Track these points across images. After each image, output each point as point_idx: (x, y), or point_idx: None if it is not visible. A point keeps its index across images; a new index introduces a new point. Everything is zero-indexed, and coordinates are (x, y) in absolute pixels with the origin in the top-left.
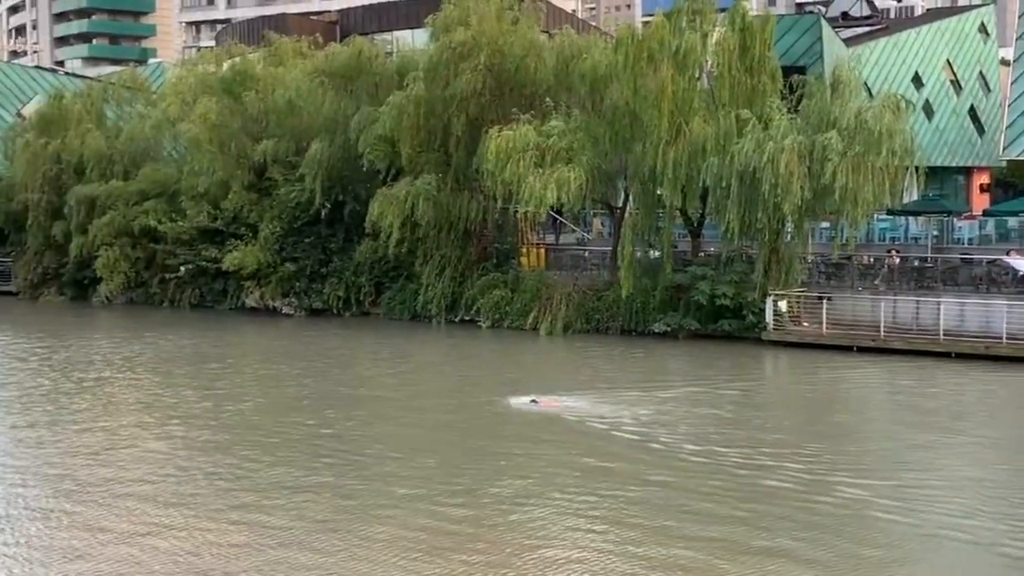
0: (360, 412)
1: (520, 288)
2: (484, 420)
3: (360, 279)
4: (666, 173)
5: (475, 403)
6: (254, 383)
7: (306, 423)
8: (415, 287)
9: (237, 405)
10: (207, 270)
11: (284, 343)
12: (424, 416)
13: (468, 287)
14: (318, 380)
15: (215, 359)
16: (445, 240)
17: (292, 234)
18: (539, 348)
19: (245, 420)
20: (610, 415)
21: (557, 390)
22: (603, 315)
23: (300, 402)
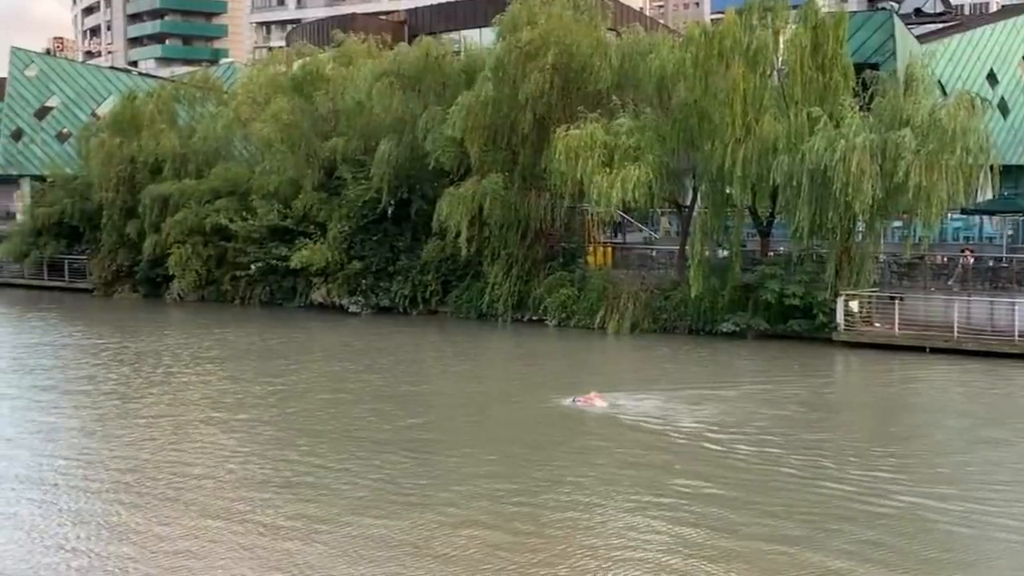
0: (421, 409)
1: (587, 287)
2: (544, 419)
3: (427, 277)
4: (735, 171)
5: (537, 402)
6: (319, 380)
7: (367, 419)
8: (482, 286)
9: (301, 402)
10: (276, 268)
11: (350, 340)
12: (485, 415)
13: (535, 286)
14: (382, 377)
15: (281, 355)
16: (512, 239)
17: (360, 232)
18: (606, 347)
19: (309, 416)
20: (673, 415)
21: (621, 389)
22: (670, 314)
23: (363, 399)
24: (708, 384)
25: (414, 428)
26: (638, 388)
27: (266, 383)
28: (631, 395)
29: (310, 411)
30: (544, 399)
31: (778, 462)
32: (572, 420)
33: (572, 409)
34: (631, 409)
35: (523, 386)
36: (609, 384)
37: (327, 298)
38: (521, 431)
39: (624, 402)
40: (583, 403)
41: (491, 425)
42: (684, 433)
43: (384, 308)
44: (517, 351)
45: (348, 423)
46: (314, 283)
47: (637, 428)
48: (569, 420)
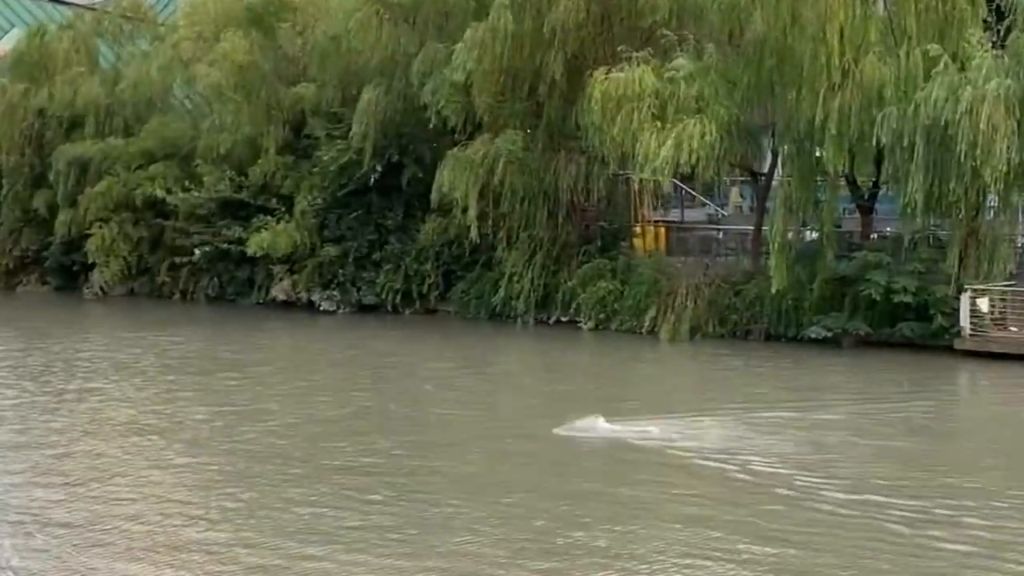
0: (414, 438)
1: (633, 279)
2: (572, 456)
3: (424, 267)
4: (828, 128)
5: (568, 427)
6: (281, 398)
7: (344, 451)
8: (495, 277)
9: (258, 426)
10: (229, 254)
11: (322, 347)
12: (496, 445)
13: (565, 277)
14: (363, 396)
15: (232, 367)
16: (535, 216)
17: (336, 208)
18: (656, 357)
19: (267, 446)
20: (743, 449)
21: (676, 413)
22: (742, 315)
23: (338, 424)
24: (790, 406)
25: (403, 461)
26: (698, 411)
27: (212, 403)
28: (688, 422)
29: (269, 440)
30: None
31: (886, 516)
32: (607, 458)
33: (613, 442)
34: (688, 441)
35: (546, 410)
36: (660, 406)
37: (293, 293)
38: (538, 466)
39: (679, 432)
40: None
41: (501, 458)
42: (757, 475)
43: (367, 306)
44: (540, 363)
45: (318, 456)
46: (276, 273)
47: (694, 468)
48: (603, 458)
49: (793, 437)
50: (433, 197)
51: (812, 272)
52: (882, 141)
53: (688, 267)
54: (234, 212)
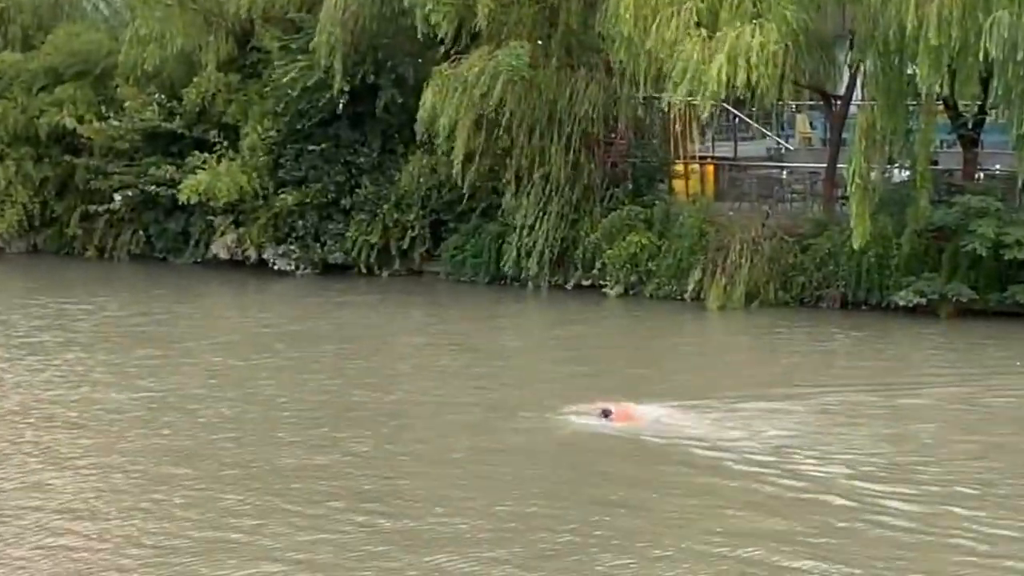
0: (384, 432)
1: (673, 232)
2: (590, 455)
3: (406, 217)
4: (923, 38)
5: (584, 426)
6: (216, 382)
7: (294, 449)
8: (498, 230)
9: (185, 417)
10: (157, 200)
11: (274, 317)
12: (487, 441)
13: (586, 229)
14: (322, 379)
15: (156, 341)
16: (549, 152)
17: (294, 142)
18: (701, 330)
19: (195, 441)
20: (809, 446)
21: (724, 399)
22: (811, 277)
23: (288, 415)
24: (873, 389)
25: (371, 459)
26: (749, 397)
27: (128, 387)
28: (732, 413)
29: (199, 435)
30: (584, 414)
31: (976, 535)
32: (630, 457)
33: (628, 439)
34: (739, 435)
35: (560, 397)
36: (701, 390)
37: (239, 249)
38: (542, 476)
39: (718, 424)
40: (618, 418)
41: (495, 464)
42: (812, 481)
43: (334, 266)
44: (550, 338)
45: (260, 455)
46: (218, 225)
47: (731, 472)
48: (625, 457)
49: (870, 431)
50: (417, 128)
51: (901, 222)
52: (990, 54)
53: (743, 216)
54: (164, 147)
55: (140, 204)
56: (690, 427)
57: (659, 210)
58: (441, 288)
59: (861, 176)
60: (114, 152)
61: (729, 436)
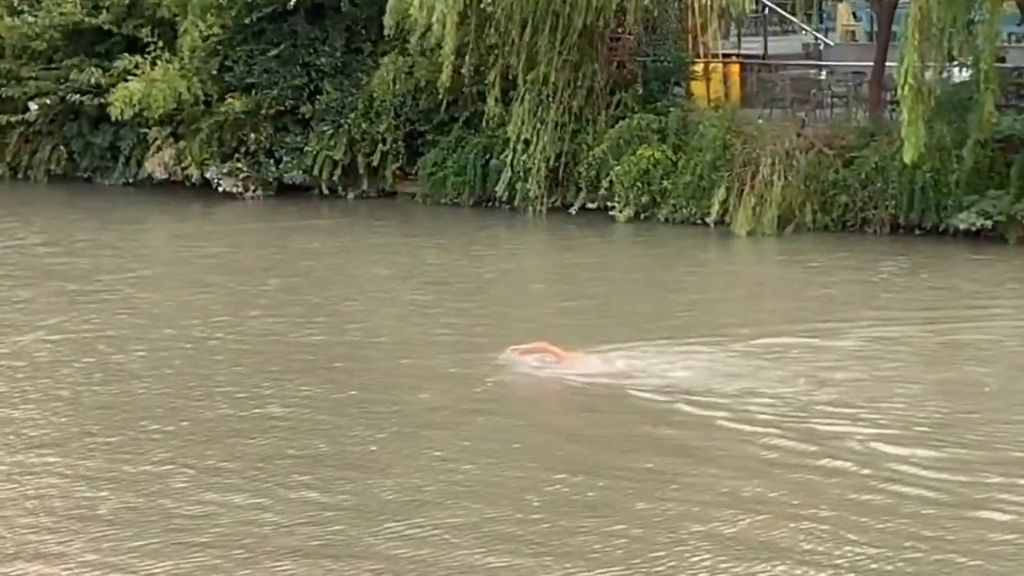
0: (333, 378)
1: (692, 144)
2: (574, 398)
3: (376, 127)
4: None
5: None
6: (140, 320)
7: (226, 398)
8: (485, 142)
9: (98, 360)
10: (81, 110)
11: (213, 246)
12: (451, 387)
13: (589, 142)
14: (264, 317)
15: (72, 275)
16: (543, 50)
17: (243, 41)
18: (724, 259)
19: (108, 390)
20: (820, 395)
21: (732, 334)
22: (856, 196)
23: (220, 357)
24: (924, 323)
25: (311, 424)
26: (773, 332)
27: (36, 326)
28: (751, 352)
29: (118, 382)
30: None
31: None
32: (620, 411)
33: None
34: (743, 384)
35: (542, 338)
36: (718, 327)
37: (179, 168)
38: (518, 431)
39: (722, 368)
40: (526, 356)
41: (467, 423)
42: (835, 447)
43: (291, 187)
44: (545, 267)
45: (189, 406)
46: (153, 139)
47: (722, 429)
48: (612, 411)
49: (913, 377)
50: (387, 21)
51: (962, 131)
52: None
53: (774, 125)
54: (88, 47)
55: (60, 115)
56: (670, 373)
57: (675, 118)
58: (418, 212)
59: (914, 76)
60: (29, 53)
61: (730, 385)
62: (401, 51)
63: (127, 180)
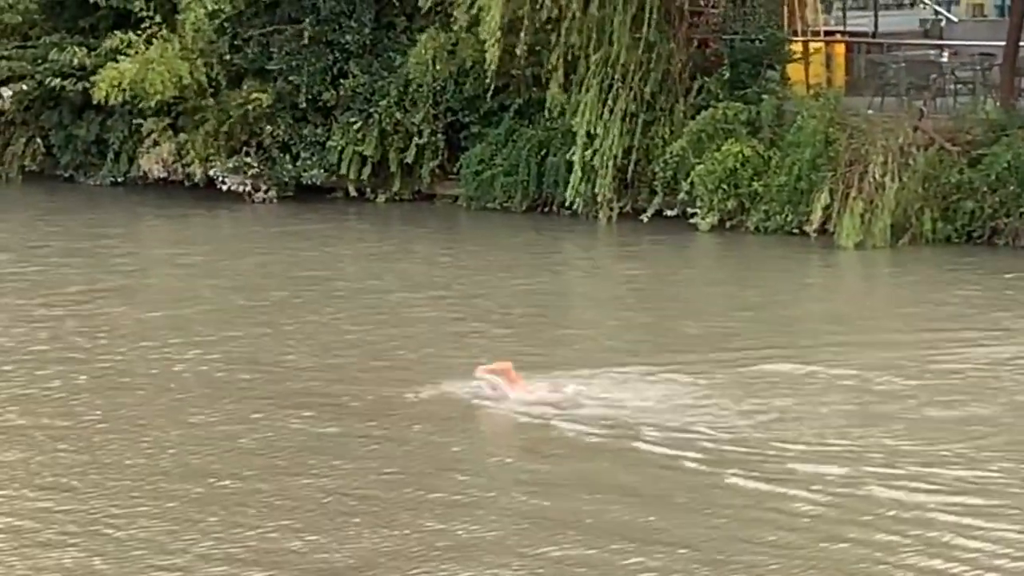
0: (302, 414)
1: (788, 139)
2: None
3: (412, 118)
4: None
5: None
6: (101, 335)
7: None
8: (541, 136)
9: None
10: (62, 96)
11: (209, 253)
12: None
13: (664, 135)
14: (267, 340)
15: (39, 288)
16: (612, 28)
17: (254, 15)
18: (828, 275)
19: (70, 403)
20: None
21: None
22: (984, 202)
23: (176, 388)
24: None
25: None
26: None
27: None
28: None
29: (76, 395)
30: None
31: None
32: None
33: None
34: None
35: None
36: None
37: (176, 165)
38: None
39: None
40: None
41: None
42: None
43: (311, 188)
44: (613, 287)
45: (129, 443)
46: (149, 132)
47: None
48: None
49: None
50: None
51: None
52: None
53: (887, 116)
54: (71, 22)
55: (37, 102)
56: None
57: (768, 108)
58: (460, 218)
59: None
60: (1, 29)
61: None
62: (442, 26)
63: (115, 179)
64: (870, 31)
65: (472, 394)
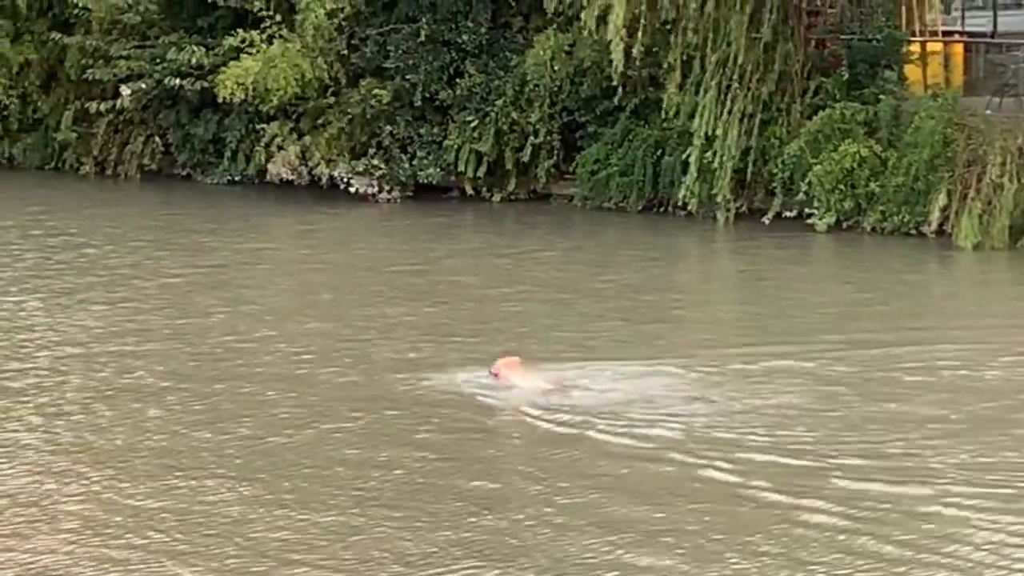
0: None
1: (906, 139)
2: None
3: (528, 117)
4: None
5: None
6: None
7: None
8: (657, 136)
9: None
10: (180, 95)
11: (357, 259)
12: None
13: (781, 136)
14: None
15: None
16: (728, 27)
17: (372, 14)
18: (943, 276)
19: None
20: None
21: None
22: None
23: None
24: None
25: None
26: None
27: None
28: None
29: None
30: None
31: None
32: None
33: None
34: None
35: None
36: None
37: (301, 166)
38: None
39: None
40: (503, 376)
41: None
42: None
43: (427, 187)
44: (726, 285)
45: None
46: (270, 134)
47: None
48: None
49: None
50: None
51: None
52: None
53: (1006, 116)
54: (189, 22)
55: (155, 101)
56: None
57: (886, 108)
58: (576, 218)
59: None
60: (120, 28)
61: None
62: (561, 26)
63: (232, 178)
64: (989, 31)
65: (477, 385)
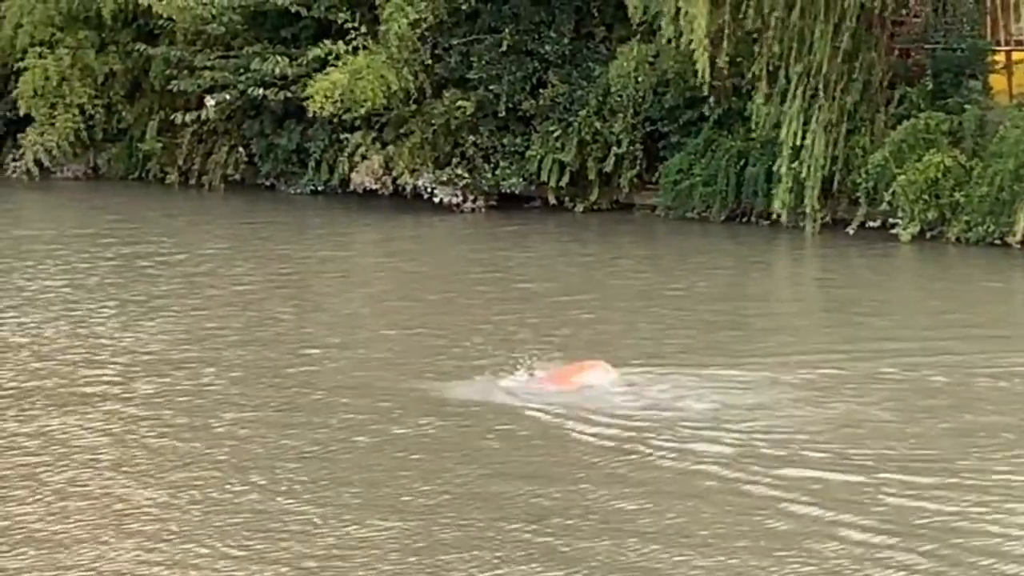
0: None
1: (991, 149)
2: None
3: (611, 127)
4: None
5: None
6: None
7: None
8: (740, 146)
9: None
10: (264, 106)
11: (440, 265)
12: None
13: (865, 146)
14: None
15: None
16: (813, 37)
17: (455, 24)
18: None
19: None
20: None
21: None
22: None
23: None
24: None
25: None
26: None
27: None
28: None
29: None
30: None
31: None
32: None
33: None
34: None
35: None
36: None
37: (384, 176)
38: None
39: None
40: (547, 381)
41: None
42: None
43: (510, 196)
44: (814, 295)
45: None
46: (353, 144)
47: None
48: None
49: None
50: (632, 2)
51: None
52: None
53: None
54: (272, 32)
55: (239, 111)
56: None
57: (970, 118)
58: (659, 228)
59: None
60: (204, 39)
61: None
62: (644, 37)
63: (316, 188)
64: None
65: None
